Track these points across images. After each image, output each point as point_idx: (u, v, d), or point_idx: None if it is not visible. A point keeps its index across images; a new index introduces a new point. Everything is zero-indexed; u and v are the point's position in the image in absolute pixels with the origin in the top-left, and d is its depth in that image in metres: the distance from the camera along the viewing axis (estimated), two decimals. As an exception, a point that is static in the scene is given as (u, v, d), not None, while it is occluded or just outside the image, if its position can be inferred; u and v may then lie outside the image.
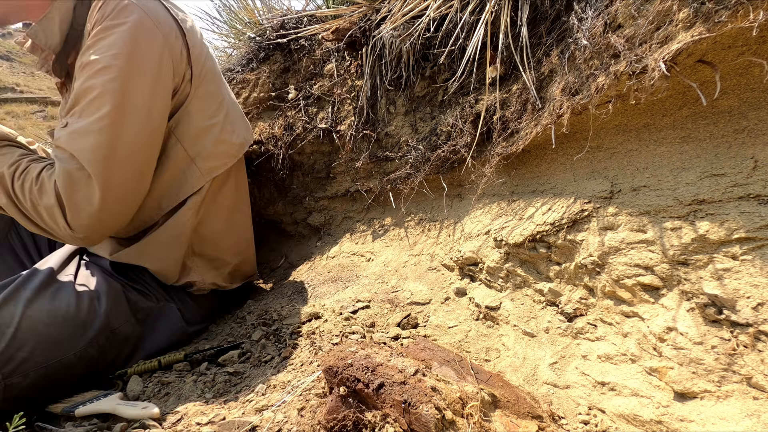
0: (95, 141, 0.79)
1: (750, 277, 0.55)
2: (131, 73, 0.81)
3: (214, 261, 1.12)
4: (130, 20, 0.81)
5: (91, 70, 0.79)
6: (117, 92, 0.80)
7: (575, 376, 0.68)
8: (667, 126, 0.69)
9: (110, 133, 0.80)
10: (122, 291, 0.95)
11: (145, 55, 0.83)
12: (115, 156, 0.81)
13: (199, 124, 0.99)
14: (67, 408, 0.72)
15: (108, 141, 0.80)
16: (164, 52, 0.87)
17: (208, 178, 1.02)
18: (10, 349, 0.74)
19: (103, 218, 0.83)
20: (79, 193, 0.80)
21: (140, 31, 0.82)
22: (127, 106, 0.81)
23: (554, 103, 0.76)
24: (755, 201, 0.57)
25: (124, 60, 0.80)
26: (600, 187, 0.74)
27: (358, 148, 1.30)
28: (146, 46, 0.83)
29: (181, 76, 0.93)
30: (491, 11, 0.86)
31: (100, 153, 0.79)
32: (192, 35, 0.96)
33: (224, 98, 1.08)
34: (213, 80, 1.04)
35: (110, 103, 0.79)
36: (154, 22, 0.85)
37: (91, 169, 0.79)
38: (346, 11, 1.22)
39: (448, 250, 1.05)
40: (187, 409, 0.69)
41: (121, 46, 0.80)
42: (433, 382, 0.57)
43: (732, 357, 0.54)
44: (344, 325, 0.88)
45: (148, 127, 0.86)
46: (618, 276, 0.67)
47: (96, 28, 0.81)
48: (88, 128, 0.78)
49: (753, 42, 0.58)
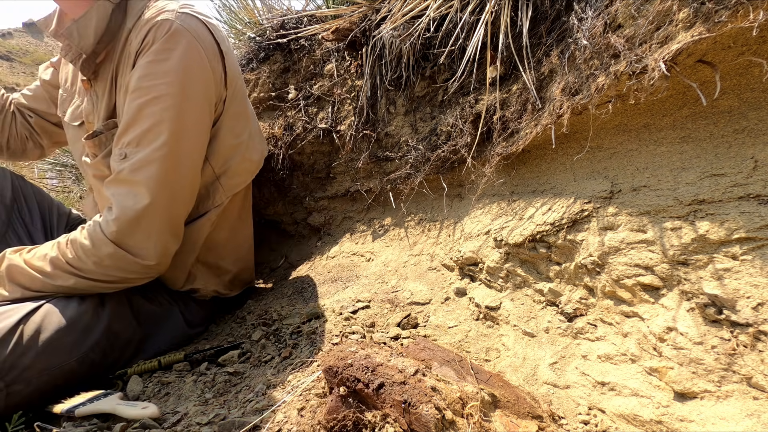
0: (157, 169, 0.82)
1: (750, 277, 0.55)
2: (183, 100, 0.84)
3: (216, 269, 1.14)
4: (181, 47, 0.83)
5: (145, 96, 0.82)
6: (173, 120, 0.83)
7: (575, 376, 0.68)
8: (667, 126, 0.69)
9: (170, 160, 0.83)
10: (126, 295, 0.96)
11: (195, 82, 0.86)
12: (174, 181, 0.85)
13: (228, 142, 1.01)
14: (67, 408, 0.72)
15: (168, 167, 0.83)
16: (209, 76, 0.90)
17: (230, 194, 1.05)
18: (13, 357, 0.73)
19: (168, 241, 0.87)
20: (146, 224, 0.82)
21: (190, 58, 0.84)
22: (181, 133, 0.85)
23: (554, 103, 0.76)
24: (755, 201, 0.57)
25: (177, 88, 0.83)
26: (600, 187, 0.74)
27: (358, 148, 1.30)
28: (195, 72, 0.86)
29: (220, 97, 0.96)
30: (491, 11, 0.86)
31: (163, 179, 0.83)
32: (229, 56, 0.97)
33: (249, 115, 1.10)
34: (243, 98, 1.06)
35: (167, 131, 0.82)
36: (201, 47, 0.87)
37: (156, 196, 0.82)
38: (346, 11, 1.22)
39: (448, 250, 1.05)
40: (187, 409, 0.69)
41: (174, 74, 0.82)
42: (433, 382, 0.57)
43: (732, 357, 0.54)
44: (344, 325, 0.88)
45: (197, 149, 0.91)
46: (618, 276, 0.67)
47: (148, 50, 0.83)
48: (149, 157, 0.81)
49: (753, 42, 0.58)
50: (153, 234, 0.84)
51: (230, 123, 1.01)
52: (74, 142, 1.07)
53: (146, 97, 0.82)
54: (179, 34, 0.84)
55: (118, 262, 0.82)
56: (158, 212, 0.83)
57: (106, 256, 0.81)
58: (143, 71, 0.83)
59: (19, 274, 0.82)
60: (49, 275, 0.82)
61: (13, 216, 1.10)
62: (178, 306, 1.06)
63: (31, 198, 1.15)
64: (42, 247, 0.85)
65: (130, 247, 0.82)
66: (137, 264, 0.84)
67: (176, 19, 0.84)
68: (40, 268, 0.82)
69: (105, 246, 0.81)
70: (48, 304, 0.82)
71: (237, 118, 1.03)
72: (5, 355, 0.72)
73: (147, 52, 0.83)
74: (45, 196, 1.20)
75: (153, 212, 0.83)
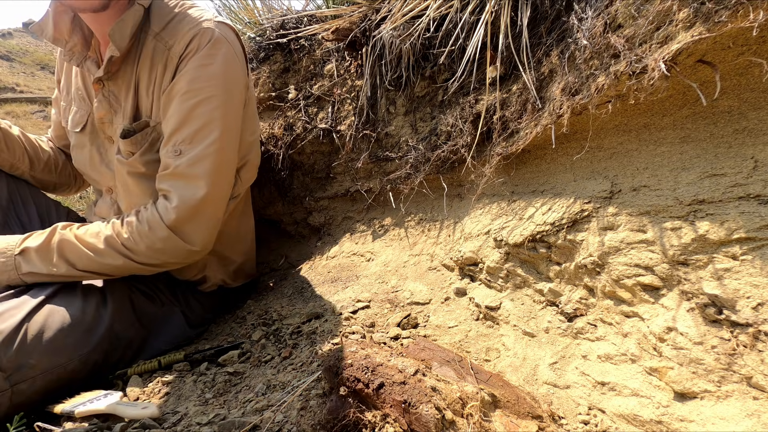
0: (211, 163, 0.90)
1: (750, 277, 0.55)
2: (227, 100, 0.94)
3: (224, 259, 1.18)
4: (222, 53, 0.92)
5: (196, 98, 0.89)
6: (221, 119, 0.92)
7: (575, 376, 0.68)
8: (667, 126, 0.69)
9: (220, 155, 0.92)
10: (128, 295, 0.96)
11: (234, 84, 0.96)
12: (224, 173, 0.94)
13: (246, 138, 1.09)
14: (67, 408, 0.72)
15: (220, 161, 0.92)
16: (242, 79, 1.00)
17: (246, 186, 1.15)
18: (19, 357, 0.73)
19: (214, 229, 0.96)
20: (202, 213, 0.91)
21: (229, 63, 0.94)
22: (227, 130, 0.94)
23: (554, 103, 0.76)
24: (755, 201, 0.57)
25: (222, 89, 0.92)
26: (600, 187, 0.74)
27: (358, 148, 1.30)
28: (234, 75, 0.96)
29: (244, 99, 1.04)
30: (491, 11, 0.86)
31: (216, 172, 0.91)
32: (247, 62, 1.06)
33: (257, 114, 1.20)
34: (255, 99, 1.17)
35: (218, 129, 0.91)
36: (236, 53, 0.97)
37: (210, 188, 0.90)
38: (346, 11, 1.22)
39: (448, 250, 1.05)
40: (187, 409, 0.69)
41: (219, 78, 0.91)
42: (433, 382, 0.57)
43: (732, 357, 0.54)
44: (344, 325, 0.88)
45: (237, 145, 0.99)
46: (618, 276, 0.67)
47: (194, 56, 0.90)
48: (204, 153, 0.89)
49: (753, 42, 0.58)
50: (204, 222, 0.92)
51: (248, 122, 1.09)
52: (80, 147, 1.08)
53: (197, 98, 0.89)
54: (220, 42, 0.92)
55: (169, 246, 0.88)
56: (212, 202, 0.92)
57: (160, 239, 0.87)
58: (192, 75, 0.90)
59: (69, 251, 0.85)
60: (101, 253, 0.86)
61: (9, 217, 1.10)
62: (180, 306, 1.07)
63: (27, 199, 1.15)
64: (92, 225, 0.89)
65: (184, 233, 0.89)
66: (185, 249, 0.90)
67: (216, 28, 0.93)
68: (93, 245, 0.86)
69: (161, 230, 0.87)
70: (50, 304, 0.82)
71: (252, 118, 1.12)
72: (12, 355, 0.73)
73: (193, 57, 0.90)
74: (42, 197, 1.20)
75: (208, 203, 0.91)
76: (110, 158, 1.04)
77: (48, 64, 10.93)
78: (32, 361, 0.75)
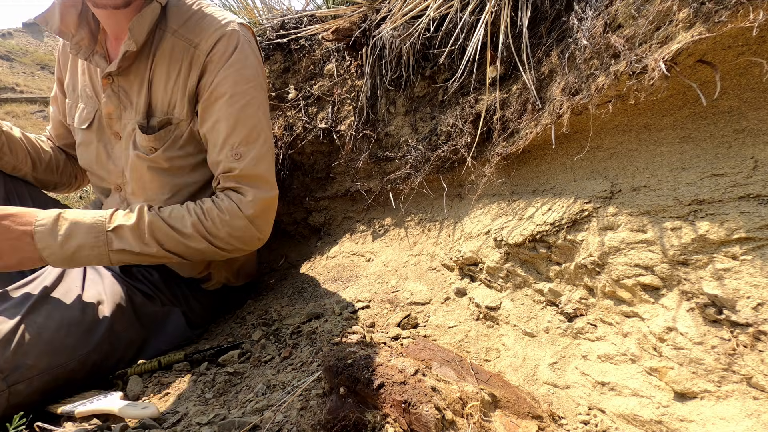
0: (269, 161, 0.98)
1: (750, 277, 0.55)
2: (264, 100, 1.01)
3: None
4: (252, 55, 0.98)
5: (242, 100, 0.95)
6: (264, 118, 0.99)
7: (575, 376, 0.68)
8: (667, 126, 0.69)
9: (271, 152, 1.00)
10: (128, 295, 0.96)
11: (264, 84, 1.03)
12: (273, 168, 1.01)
13: None
14: (67, 408, 0.72)
15: (271, 157, 1.00)
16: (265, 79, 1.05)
17: None
18: (17, 357, 0.73)
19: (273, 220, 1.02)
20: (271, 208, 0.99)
21: (258, 64, 1.00)
22: (269, 127, 1.01)
23: (554, 103, 0.76)
24: (755, 201, 0.57)
25: (259, 90, 0.99)
26: (600, 187, 0.74)
27: (358, 148, 1.30)
28: (263, 75, 1.02)
29: None
30: (491, 11, 0.86)
31: (272, 168, 1.00)
32: None
33: None
34: None
35: (266, 128, 0.99)
36: (259, 54, 1.03)
37: (272, 184, 0.98)
38: (346, 11, 1.22)
39: (448, 250, 1.05)
40: (187, 409, 0.69)
41: (255, 79, 0.97)
42: (433, 382, 0.57)
43: (732, 357, 0.54)
44: (344, 325, 0.88)
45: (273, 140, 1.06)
46: (618, 276, 0.67)
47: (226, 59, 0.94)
48: (260, 152, 0.96)
49: (753, 42, 0.58)
50: (272, 215, 1.00)
51: None
52: (87, 145, 1.07)
53: (242, 101, 0.94)
54: (247, 45, 0.97)
55: (245, 234, 0.95)
56: (276, 199, 1.00)
57: (239, 228, 0.93)
58: (234, 78, 0.94)
59: (159, 231, 0.88)
60: (187, 236, 0.90)
61: None
62: (180, 306, 1.06)
63: (25, 197, 1.14)
64: (174, 209, 0.92)
65: (258, 224, 0.96)
66: (255, 237, 0.97)
67: (240, 30, 0.97)
68: (180, 229, 0.90)
69: (241, 220, 0.93)
70: (49, 303, 0.82)
71: None
72: (8, 355, 0.72)
73: (228, 60, 0.94)
74: (40, 195, 1.19)
75: (276, 199, 1.00)
76: (117, 154, 1.04)
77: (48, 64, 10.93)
78: (30, 361, 0.74)
